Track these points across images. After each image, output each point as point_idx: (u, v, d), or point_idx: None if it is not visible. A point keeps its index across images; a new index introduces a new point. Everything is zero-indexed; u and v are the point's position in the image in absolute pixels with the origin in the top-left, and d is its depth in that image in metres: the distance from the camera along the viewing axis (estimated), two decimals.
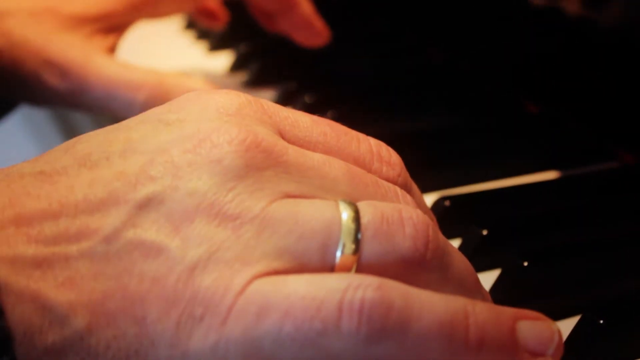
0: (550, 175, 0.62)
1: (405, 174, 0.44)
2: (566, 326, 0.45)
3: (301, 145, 0.42)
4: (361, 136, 0.44)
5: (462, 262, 0.42)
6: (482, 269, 0.50)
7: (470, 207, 0.55)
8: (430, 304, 0.37)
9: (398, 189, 0.42)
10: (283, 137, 0.41)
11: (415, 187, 0.45)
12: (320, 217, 0.38)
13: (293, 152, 0.40)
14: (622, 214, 0.56)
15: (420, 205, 0.44)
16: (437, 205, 0.55)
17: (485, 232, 0.51)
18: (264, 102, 0.42)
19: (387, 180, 0.43)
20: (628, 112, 0.64)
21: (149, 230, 0.37)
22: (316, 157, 0.41)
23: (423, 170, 0.60)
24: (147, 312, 0.36)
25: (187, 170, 0.38)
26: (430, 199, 0.57)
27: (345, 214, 0.38)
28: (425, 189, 0.58)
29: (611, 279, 0.49)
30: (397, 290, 0.37)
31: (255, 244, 0.37)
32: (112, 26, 0.68)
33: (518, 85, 0.73)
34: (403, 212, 0.39)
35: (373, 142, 0.44)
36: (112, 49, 0.68)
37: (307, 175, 0.40)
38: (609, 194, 0.59)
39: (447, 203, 0.54)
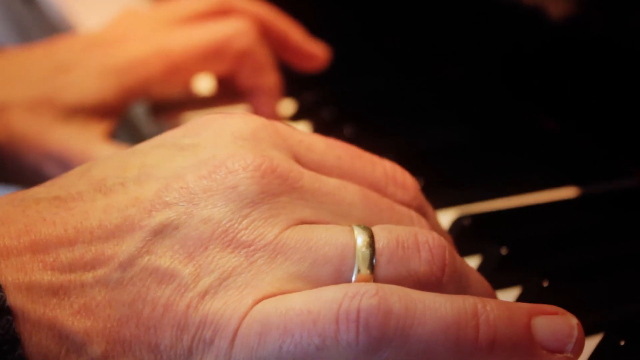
0: (567, 191, 0.62)
1: (421, 197, 0.44)
2: (587, 346, 0.45)
3: (316, 170, 0.42)
4: (375, 159, 0.44)
5: (479, 283, 0.41)
6: (501, 287, 0.50)
7: (490, 226, 0.55)
8: (433, 306, 0.36)
9: (413, 213, 0.42)
10: (298, 161, 0.41)
11: (430, 210, 0.45)
12: (334, 242, 0.38)
13: (308, 178, 0.40)
14: (638, 231, 0.56)
15: (436, 228, 0.44)
16: (456, 224, 0.55)
17: (504, 251, 0.51)
18: (279, 125, 0.42)
19: (402, 204, 0.43)
20: None
21: (163, 257, 0.38)
22: (331, 182, 0.41)
23: (440, 186, 0.60)
24: (161, 339, 0.37)
25: (202, 197, 0.39)
26: (447, 215, 0.57)
27: (360, 239, 0.38)
28: (442, 205, 0.58)
29: (632, 298, 0.49)
30: (395, 295, 0.36)
31: (267, 270, 0.38)
32: (108, 112, 0.68)
33: (535, 102, 0.73)
34: (419, 236, 0.39)
35: (388, 165, 0.44)
36: (108, 133, 0.69)
37: (322, 201, 0.40)
38: (627, 211, 0.59)
39: (466, 222, 0.54)
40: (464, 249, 0.54)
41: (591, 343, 0.45)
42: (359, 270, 0.38)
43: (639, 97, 0.64)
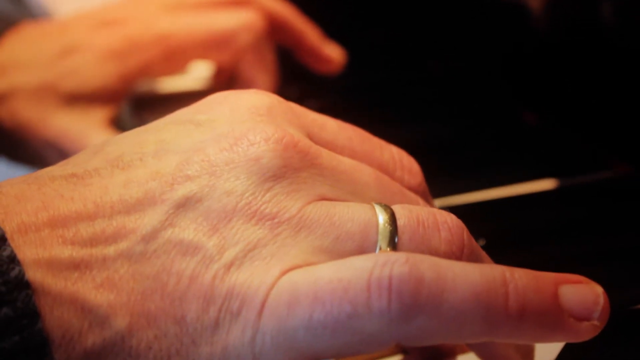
0: (545, 184, 0.62)
1: (425, 184, 0.44)
2: (554, 345, 0.45)
3: (329, 149, 0.42)
4: (383, 143, 0.44)
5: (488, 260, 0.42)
6: None
7: (468, 218, 0.55)
8: (464, 274, 0.36)
9: (420, 199, 0.43)
10: (311, 140, 0.41)
11: (431, 198, 0.45)
12: (356, 219, 0.38)
13: (326, 155, 0.40)
14: (619, 223, 0.56)
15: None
16: None
17: (482, 243, 0.52)
18: (292, 104, 0.43)
19: (409, 188, 0.43)
20: (624, 122, 0.65)
21: (187, 230, 0.37)
22: (347, 162, 0.41)
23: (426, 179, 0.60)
24: (187, 311, 0.37)
25: (224, 169, 0.38)
26: None
27: (382, 217, 0.39)
28: None
29: (609, 289, 0.50)
30: (426, 263, 0.36)
31: (292, 243, 0.38)
32: (109, 98, 0.69)
33: (515, 96, 0.74)
34: (438, 216, 0.39)
35: (395, 150, 0.45)
36: (109, 119, 0.69)
37: (339, 179, 0.40)
38: (606, 204, 0.60)
39: None
40: None
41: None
42: (380, 248, 0.38)
43: (617, 91, 0.65)
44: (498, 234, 0.53)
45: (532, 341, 0.38)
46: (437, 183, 0.61)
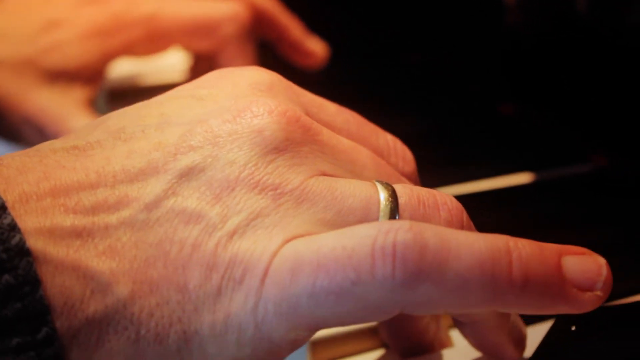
0: (523, 177, 0.62)
1: (417, 173, 0.44)
2: (538, 332, 0.45)
3: (333, 131, 0.42)
4: (379, 129, 0.44)
5: None
6: None
7: None
8: (468, 243, 0.36)
9: (413, 185, 0.43)
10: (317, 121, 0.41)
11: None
12: (358, 194, 0.38)
13: (327, 133, 0.40)
14: (596, 216, 0.56)
15: None
16: None
17: None
18: (292, 83, 0.43)
19: (402, 175, 0.43)
20: (602, 115, 0.65)
21: (190, 198, 0.37)
22: (346, 142, 0.41)
23: None
24: (189, 278, 0.36)
25: (227, 140, 0.38)
26: None
27: (383, 195, 0.38)
28: None
29: None
30: (431, 231, 0.36)
31: (294, 214, 0.37)
32: (90, 77, 0.68)
33: (492, 88, 0.74)
34: (438, 197, 0.39)
35: (389, 137, 0.45)
36: (90, 100, 0.68)
37: (339, 158, 0.40)
38: (583, 196, 0.60)
39: None
40: None
41: (543, 328, 0.46)
42: None
43: (595, 83, 0.65)
44: (476, 227, 0.53)
45: (535, 311, 0.38)
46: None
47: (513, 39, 0.73)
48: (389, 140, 0.44)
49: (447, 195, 0.40)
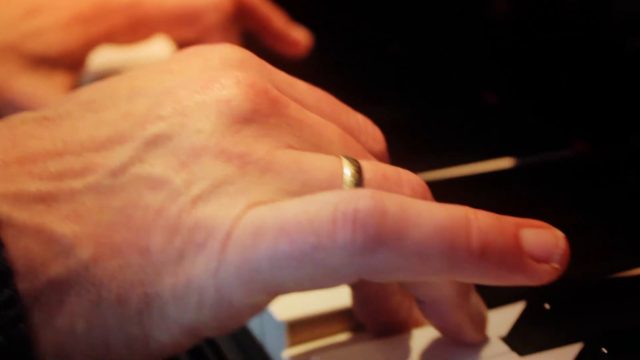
0: (505, 162, 0.63)
1: (387, 153, 0.45)
2: (512, 312, 0.46)
3: (302, 106, 0.42)
4: (350, 109, 0.45)
5: None
6: None
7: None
8: (428, 211, 0.37)
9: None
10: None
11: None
12: (324, 168, 0.39)
13: (295, 107, 0.41)
14: (576, 201, 0.57)
15: None
16: None
17: None
18: (264, 61, 0.43)
19: (372, 154, 0.43)
20: (583, 102, 0.66)
21: (156, 165, 0.38)
22: (314, 117, 0.41)
23: None
24: (152, 242, 0.37)
25: (195, 110, 0.39)
26: None
27: (349, 170, 0.39)
28: None
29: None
30: (392, 199, 0.37)
31: (259, 182, 0.38)
32: (73, 63, 0.69)
33: (475, 76, 0.74)
34: (402, 174, 0.40)
35: (360, 117, 0.45)
36: (72, 86, 0.69)
37: (306, 132, 0.40)
38: (565, 181, 0.60)
39: None
40: None
41: (516, 309, 0.46)
42: None
43: (576, 71, 0.66)
44: None
45: (493, 281, 0.38)
46: (398, 162, 0.62)
47: (496, 28, 0.73)
48: (359, 120, 0.45)
49: (411, 174, 0.40)
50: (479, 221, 0.37)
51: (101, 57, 0.75)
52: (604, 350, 0.41)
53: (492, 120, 0.68)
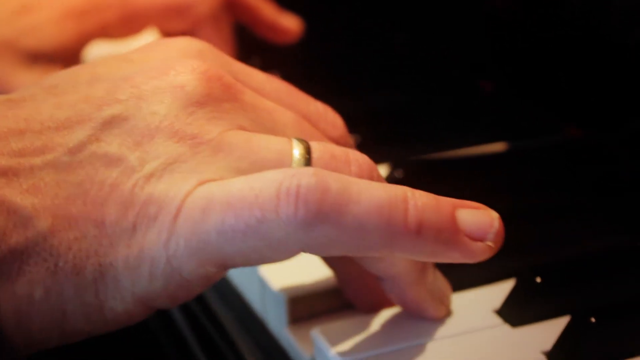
0: (499, 146, 0.64)
1: (348, 137, 0.47)
2: (505, 288, 0.47)
3: (258, 94, 0.44)
4: (310, 98, 0.47)
5: None
6: None
7: (421, 177, 0.57)
8: (368, 189, 0.39)
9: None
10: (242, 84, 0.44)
11: (355, 149, 0.48)
12: (273, 148, 0.41)
13: (249, 93, 0.43)
14: (567, 184, 0.58)
15: None
16: (389, 176, 0.58)
17: None
18: (223, 53, 0.45)
19: (331, 140, 0.45)
20: (576, 89, 0.67)
21: (112, 144, 0.40)
22: (269, 103, 0.43)
23: (376, 144, 0.63)
24: (107, 215, 0.39)
25: (151, 94, 0.41)
26: (381, 170, 0.60)
27: (297, 150, 0.41)
28: (378, 160, 0.61)
29: (548, 243, 0.52)
30: (333, 177, 0.39)
31: (210, 161, 0.40)
32: (68, 57, 0.70)
33: (473, 65, 0.75)
34: (351, 154, 0.42)
35: (320, 105, 0.47)
36: None
37: (260, 116, 0.43)
38: (556, 164, 0.61)
39: (397, 174, 0.57)
40: None
41: (509, 284, 0.48)
42: None
43: (569, 58, 0.67)
44: (449, 192, 0.55)
45: (430, 258, 0.41)
46: (392, 147, 0.64)
47: (493, 17, 0.74)
48: (319, 107, 0.47)
49: (360, 154, 0.42)
50: (417, 199, 0.39)
51: (95, 52, 0.76)
52: (592, 320, 0.43)
53: (488, 107, 0.70)
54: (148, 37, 0.77)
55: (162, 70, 0.42)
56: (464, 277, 0.48)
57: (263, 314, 0.51)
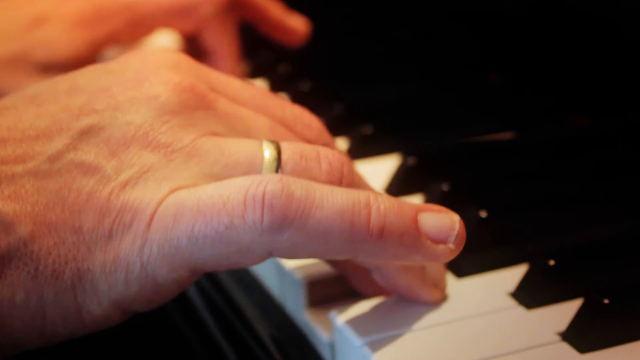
0: (508, 135, 0.65)
1: (325, 136, 0.48)
2: (517, 273, 0.49)
3: (231, 101, 0.46)
4: (286, 103, 0.48)
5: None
6: None
7: (433, 165, 0.58)
8: (331, 195, 0.41)
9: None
10: (216, 93, 0.45)
11: (337, 147, 0.49)
12: (244, 150, 0.43)
13: (223, 102, 0.45)
14: (571, 170, 0.59)
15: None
16: (402, 165, 0.58)
17: (446, 188, 0.54)
18: (200, 64, 0.47)
19: (308, 141, 0.47)
20: (582, 81, 0.68)
21: (89, 153, 0.42)
22: (244, 111, 0.45)
23: (388, 134, 0.64)
24: (84, 222, 0.41)
25: (127, 104, 0.43)
26: (393, 159, 0.61)
27: (268, 151, 0.43)
28: (389, 150, 0.63)
29: (557, 230, 0.53)
30: (298, 183, 0.40)
31: (183, 168, 0.42)
32: (80, 66, 0.70)
33: (482, 57, 0.76)
34: (320, 152, 0.43)
35: (297, 108, 0.48)
36: None
37: (234, 123, 0.44)
38: (562, 153, 0.62)
39: (411, 162, 0.58)
40: (409, 187, 0.57)
41: (523, 267, 0.49)
42: None
43: (575, 49, 0.68)
44: (460, 180, 0.56)
45: (393, 260, 0.42)
46: (402, 138, 0.65)
47: (500, 10, 0.75)
48: (295, 111, 0.48)
49: (331, 151, 0.44)
50: (379, 204, 0.41)
51: (114, 51, 0.77)
52: (606, 302, 0.44)
53: (497, 99, 0.71)
54: (163, 37, 0.78)
55: (138, 81, 0.44)
56: (478, 261, 0.49)
57: (281, 298, 0.52)
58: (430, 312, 0.46)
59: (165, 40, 0.80)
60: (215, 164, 0.42)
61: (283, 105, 0.48)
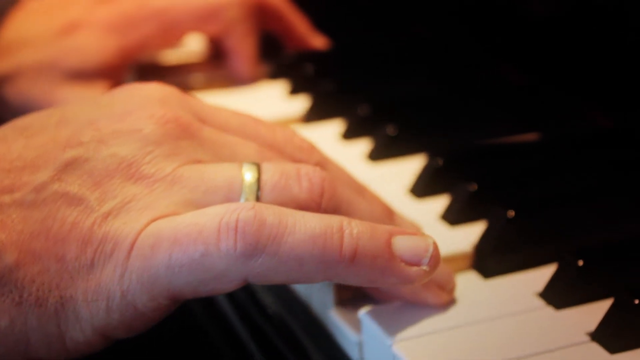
0: (530, 136, 0.65)
1: (317, 155, 0.48)
2: (546, 273, 0.48)
3: (220, 130, 0.47)
4: (275, 127, 0.49)
5: (367, 212, 0.46)
6: (471, 221, 0.54)
7: (459, 166, 0.58)
8: (303, 220, 0.41)
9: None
10: (203, 123, 0.46)
11: (332, 164, 0.49)
12: (224, 174, 0.43)
13: (208, 130, 0.46)
14: (597, 169, 0.59)
15: (339, 176, 0.48)
16: (429, 165, 0.58)
17: (473, 188, 0.54)
18: (188, 96, 0.48)
19: (298, 161, 0.47)
20: (605, 79, 0.68)
21: (73, 184, 0.43)
22: (230, 138, 0.46)
23: (412, 134, 0.64)
24: (67, 251, 0.42)
25: (112, 137, 0.44)
26: (418, 160, 0.61)
27: (249, 173, 0.44)
28: (414, 151, 0.63)
29: (586, 228, 0.53)
30: (270, 210, 0.41)
31: (165, 196, 0.43)
32: (111, 72, 0.72)
33: (503, 57, 0.76)
34: (301, 170, 0.44)
35: (288, 131, 0.49)
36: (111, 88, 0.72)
37: (220, 151, 0.45)
38: (584, 150, 0.62)
39: (439, 162, 0.58)
40: (436, 188, 0.57)
41: (551, 268, 0.49)
42: (247, 199, 0.43)
43: (597, 47, 0.68)
44: (486, 180, 0.56)
45: (367, 283, 0.43)
46: (427, 137, 0.65)
47: (518, 11, 0.75)
48: (286, 134, 0.49)
49: (312, 168, 0.45)
50: (352, 228, 0.41)
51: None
52: (636, 302, 0.43)
53: (519, 98, 0.70)
54: (192, 42, 0.79)
55: (124, 115, 0.45)
56: (506, 261, 0.49)
57: (307, 298, 0.52)
58: (459, 312, 0.46)
59: (195, 44, 0.81)
60: (196, 190, 0.43)
61: (272, 130, 0.49)
